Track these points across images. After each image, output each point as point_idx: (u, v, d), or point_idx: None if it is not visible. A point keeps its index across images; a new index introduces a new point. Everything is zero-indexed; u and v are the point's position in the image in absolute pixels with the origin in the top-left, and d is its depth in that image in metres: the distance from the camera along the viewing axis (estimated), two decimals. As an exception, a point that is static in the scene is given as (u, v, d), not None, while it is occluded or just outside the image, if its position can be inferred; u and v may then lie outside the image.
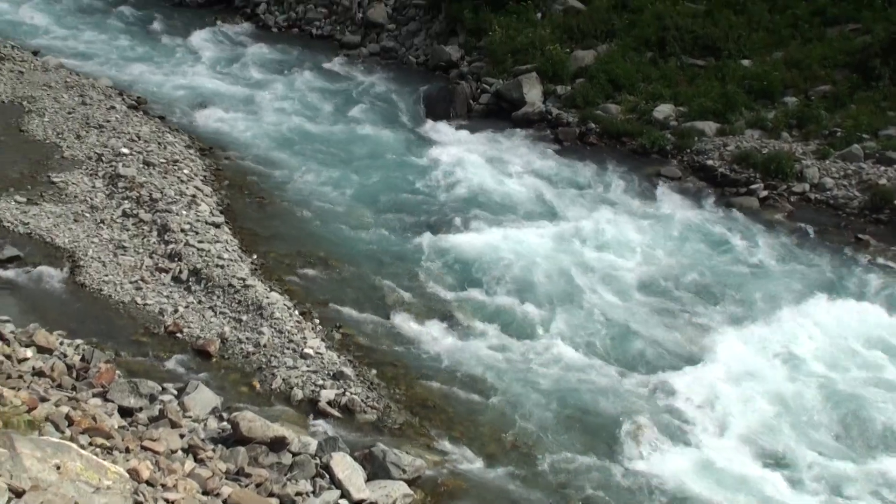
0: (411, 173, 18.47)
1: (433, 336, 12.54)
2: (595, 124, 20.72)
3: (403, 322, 12.85)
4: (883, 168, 17.66)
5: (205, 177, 16.98)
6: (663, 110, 20.58)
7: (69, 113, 18.93)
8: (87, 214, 14.56)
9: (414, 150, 19.86)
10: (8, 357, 9.55)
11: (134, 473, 7.10)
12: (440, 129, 21.09)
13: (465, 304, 13.43)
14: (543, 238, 15.55)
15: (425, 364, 11.93)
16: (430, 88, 23.28)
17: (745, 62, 21.74)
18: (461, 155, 19.26)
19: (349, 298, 13.37)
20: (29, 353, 9.94)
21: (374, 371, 11.52)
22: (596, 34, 23.67)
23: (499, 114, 22.08)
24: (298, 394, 10.74)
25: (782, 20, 22.90)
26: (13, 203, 14.56)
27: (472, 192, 17.53)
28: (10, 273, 12.63)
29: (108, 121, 18.62)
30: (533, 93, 21.94)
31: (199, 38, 27.54)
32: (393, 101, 22.98)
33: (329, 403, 10.61)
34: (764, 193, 17.80)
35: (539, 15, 24.95)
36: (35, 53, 23.64)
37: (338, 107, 22.31)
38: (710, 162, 18.93)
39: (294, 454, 9.31)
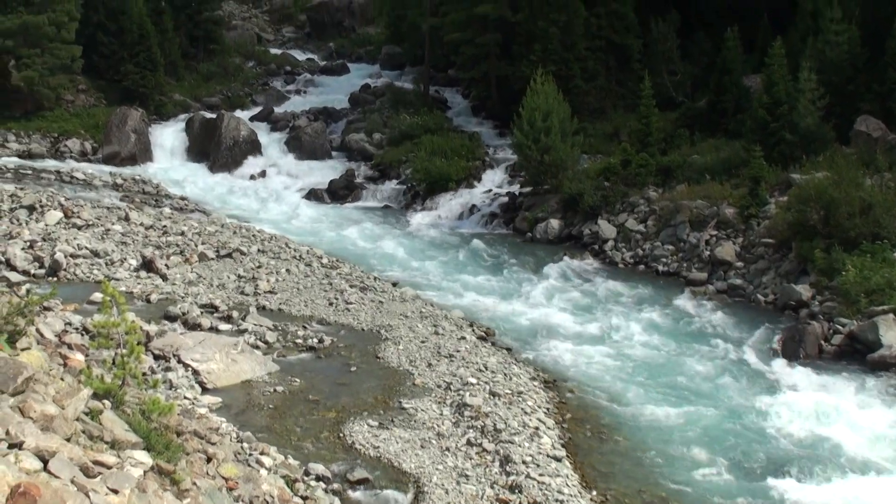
0: (757, 415, 17.75)
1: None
2: (961, 371, 19.30)
3: (749, 574, 12.12)
4: None
5: (548, 409, 17.09)
6: None
7: (422, 342, 19.82)
8: (434, 441, 14.93)
9: (761, 390, 19.15)
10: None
11: None
12: (789, 370, 20.27)
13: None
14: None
15: None
16: (778, 328, 22.66)
17: None
18: (811, 398, 18.37)
19: (691, 544, 12.82)
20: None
21: None
22: (960, 274, 22.35)
23: (852, 356, 21.02)
24: None
25: None
26: (366, 426, 15.22)
27: (824, 439, 16.54)
28: (358, 494, 13.07)
29: (458, 351, 19.30)
30: (890, 335, 20.77)
31: (547, 272, 28.40)
32: (740, 339, 22.45)
33: None
34: None
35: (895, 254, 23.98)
36: (394, 284, 25.22)
37: (682, 343, 22.07)
38: None
39: None
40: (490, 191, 40.07)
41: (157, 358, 16.78)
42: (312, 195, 42.44)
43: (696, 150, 35.58)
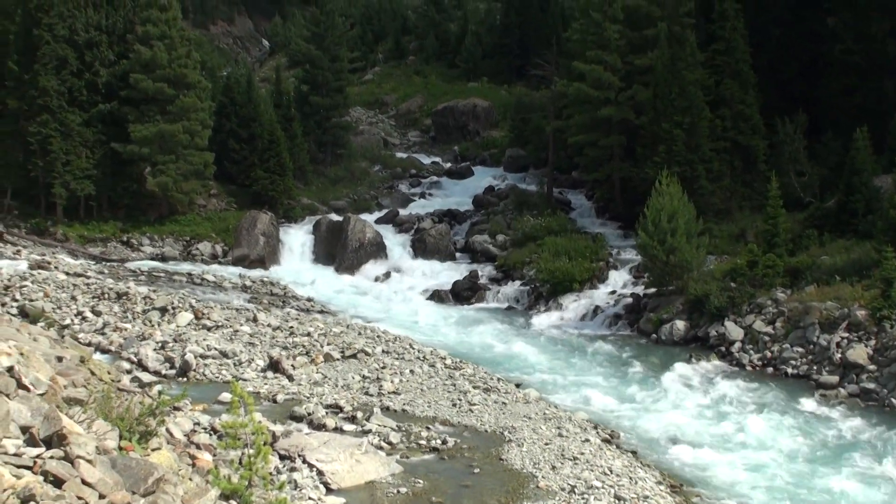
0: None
1: None
2: None
3: None
4: None
5: (674, 514, 16.74)
6: None
7: (546, 444, 19.61)
8: (557, 546, 14.72)
9: (900, 499, 18.46)
10: None
11: None
12: (930, 479, 19.53)
13: None
14: None
15: None
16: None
17: None
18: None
19: None
20: None
21: None
22: None
23: None
24: None
25: None
26: (489, 530, 15.10)
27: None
28: None
29: (582, 453, 19.04)
30: None
31: (673, 374, 27.97)
32: (875, 444, 21.67)
33: None
34: None
35: None
36: (517, 386, 25.12)
37: (813, 448, 21.40)
38: None
39: None
40: (614, 292, 39.83)
41: (282, 458, 16.96)
42: (436, 296, 42.81)
43: (825, 250, 34.91)
